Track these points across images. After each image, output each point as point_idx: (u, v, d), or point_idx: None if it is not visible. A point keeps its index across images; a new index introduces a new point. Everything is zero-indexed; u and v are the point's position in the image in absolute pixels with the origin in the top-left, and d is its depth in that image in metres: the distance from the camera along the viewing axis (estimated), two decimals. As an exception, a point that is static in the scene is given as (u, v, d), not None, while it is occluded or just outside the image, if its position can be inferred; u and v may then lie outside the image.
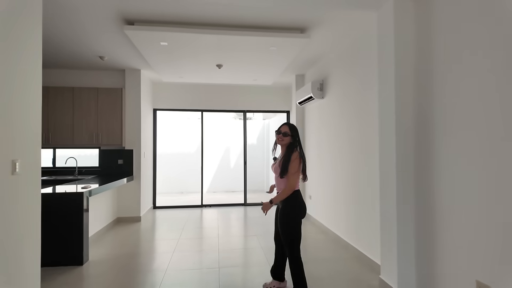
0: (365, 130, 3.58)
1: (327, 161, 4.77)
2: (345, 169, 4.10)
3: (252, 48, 4.07)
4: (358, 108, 3.77)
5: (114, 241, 4.37)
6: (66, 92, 5.27)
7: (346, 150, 4.07)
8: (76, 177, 5.30)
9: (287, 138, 2.60)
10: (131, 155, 5.57)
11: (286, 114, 7.14)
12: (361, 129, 3.67)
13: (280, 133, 2.62)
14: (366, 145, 3.56)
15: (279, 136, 2.63)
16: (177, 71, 5.33)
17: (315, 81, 4.92)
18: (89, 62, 5.08)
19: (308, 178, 2.84)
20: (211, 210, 6.58)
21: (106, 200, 5.02)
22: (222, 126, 9.73)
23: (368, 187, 3.50)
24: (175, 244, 4.20)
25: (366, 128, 3.56)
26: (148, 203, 6.23)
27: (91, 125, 5.34)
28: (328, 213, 4.74)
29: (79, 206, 3.49)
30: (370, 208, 3.45)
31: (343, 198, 4.17)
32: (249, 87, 6.88)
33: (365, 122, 3.58)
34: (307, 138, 5.80)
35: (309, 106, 5.68)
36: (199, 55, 4.39)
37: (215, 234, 4.68)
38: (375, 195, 3.33)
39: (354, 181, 3.84)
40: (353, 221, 3.88)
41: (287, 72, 5.77)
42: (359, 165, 3.71)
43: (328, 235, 4.61)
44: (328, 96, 4.75)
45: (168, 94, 6.67)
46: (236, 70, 5.22)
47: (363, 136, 3.62)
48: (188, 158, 9.26)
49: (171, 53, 4.30)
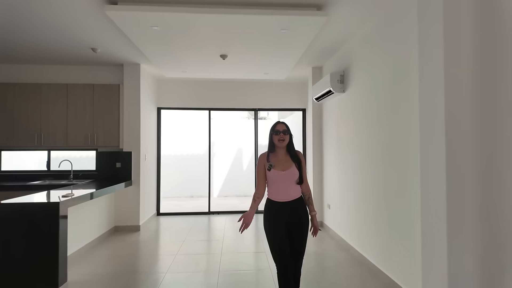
0: (398, 128, 2.86)
1: (348, 165, 4.06)
2: (371, 175, 3.38)
3: (259, 32, 3.44)
4: (387, 102, 3.05)
5: (103, 256, 3.85)
6: (60, 89, 4.84)
7: (372, 153, 3.36)
8: (70, 181, 4.86)
9: (287, 137, 2.34)
10: (130, 158, 5.07)
11: (301, 112, 6.45)
12: (392, 127, 2.95)
13: (280, 133, 2.32)
14: (398, 147, 2.85)
15: (279, 136, 2.32)
16: (178, 64, 4.77)
17: (334, 72, 4.23)
18: (83, 56, 4.61)
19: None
20: (219, 217, 5.99)
21: (100, 208, 4.53)
22: (234, 126, 9.16)
23: (401, 197, 2.77)
24: (170, 262, 3.63)
25: (399, 125, 2.84)
26: (150, 210, 5.72)
27: (86, 125, 4.88)
28: (350, 227, 4.02)
29: (53, 218, 2.97)
30: (404, 224, 2.73)
31: (368, 209, 3.45)
32: (260, 83, 6.25)
33: (398, 119, 2.86)
34: (325, 139, 5.09)
35: (327, 102, 4.98)
36: (200, 44, 3.80)
37: (218, 249, 4.07)
38: (410, 207, 2.60)
39: (383, 190, 3.12)
40: (381, 239, 3.16)
41: (302, 64, 5.09)
42: (389, 171, 2.99)
43: (350, 253, 3.90)
44: (350, 90, 4.04)
45: (173, 92, 6.15)
46: (243, 61, 4.60)
47: (395, 136, 2.90)
48: (197, 160, 8.73)
49: (168, 42, 3.74)
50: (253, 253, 3.92)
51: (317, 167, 5.31)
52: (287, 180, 2.28)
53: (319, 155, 5.33)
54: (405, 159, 2.74)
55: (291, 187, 2.30)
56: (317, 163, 5.32)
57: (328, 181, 4.94)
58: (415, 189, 2.57)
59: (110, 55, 4.59)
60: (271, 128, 2.37)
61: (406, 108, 2.73)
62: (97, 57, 4.70)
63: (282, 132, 2.32)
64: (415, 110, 2.59)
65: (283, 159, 2.34)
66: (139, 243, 4.36)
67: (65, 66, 5.11)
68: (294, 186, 2.31)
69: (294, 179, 2.30)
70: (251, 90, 6.26)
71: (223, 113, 9.22)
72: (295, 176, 2.29)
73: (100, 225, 4.54)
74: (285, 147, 2.35)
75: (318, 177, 5.31)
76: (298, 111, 6.56)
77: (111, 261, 3.67)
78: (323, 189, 5.21)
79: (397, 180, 2.87)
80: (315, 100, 4.99)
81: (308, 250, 4.01)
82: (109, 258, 3.77)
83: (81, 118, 4.86)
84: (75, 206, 3.79)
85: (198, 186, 8.31)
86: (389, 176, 3.01)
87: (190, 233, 4.89)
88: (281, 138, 2.31)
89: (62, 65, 5.09)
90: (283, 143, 2.32)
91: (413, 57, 2.61)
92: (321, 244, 4.28)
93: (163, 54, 4.23)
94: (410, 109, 2.67)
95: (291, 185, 2.30)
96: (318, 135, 5.34)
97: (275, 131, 2.33)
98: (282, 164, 2.31)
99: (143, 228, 5.15)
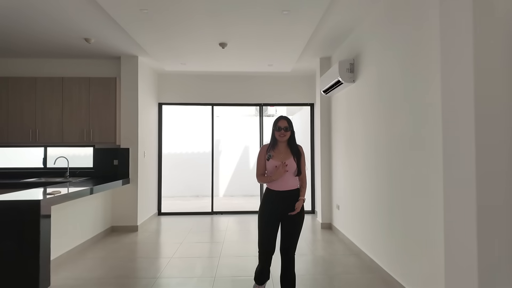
0: (415, 121, 2.49)
1: (359, 163, 3.70)
2: (384, 173, 3.02)
3: (258, 14, 3.14)
4: (403, 92, 2.69)
5: (94, 258, 3.61)
6: (55, 82, 4.64)
7: (386, 149, 3.00)
8: (66, 179, 4.67)
9: (288, 133, 2.43)
10: (128, 155, 4.84)
11: (309, 107, 6.11)
12: (409, 119, 2.59)
13: (281, 129, 2.41)
14: (415, 142, 2.48)
15: (280, 132, 2.42)
16: (176, 55, 4.51)
17: (344, 60, 3.88)
18: (78, 48, 4.41)
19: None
20: (222, 218, 5.71)
21: (95, 206, 4.31)
22: (240, 124, 8.88)
23: (418, 197, 2.41)
24: (164, 266, 3.36)
25: (416, 117, 2.48)
26: (150, 209, 5.48)
27: (82, 120, 4.67)
28: (361, 230, 3.66)
29: (34, 218, 2.74)
30: (422, 227, 2.36)
31: (381, 210, 3.09)
32: (264, 77, 5.94)
33: (416, 110, 2.50)
34: (334, 134, 4.74)
35: (336, 95, 4.63)
36: (196, 29, 3.53)
37: (217, 252, 3.78)
38: (429, 209, 2.24)
39: (398, 189, 2.76)
40: (396, 244, 2.80)
41: (308, 55, 4.76)
42: (406, 168, 2.63)
43: (361, 258, 3.54)
44: (360, 79, 3.69)
45: (174, 87, 5.90)
46: (245, 50, 4.30)
47: (412, 129, 2.54)
48: (203, 159, 8.48)
49: (161, 29, 3.49)
50: (254, 257, 3.60)
51: (326, 165, 4.96)
52: (288, 170, 2.35)
53: (328, 152, 4.97)
54: (424, 155, 2.37)
55: (288, 178, 2.38)
56: (326, 161, 4.96)
57: (337, 180, 4.59)
58: (436, 188, 2.21)
59: (106, 46, 4.37)
60: (273, 123, 2.45)
61: (425, 97, 2.37)
62: (93, 49, 4.49)
63: (284, 129, 2.40)
64: (436, 100, 2.23)
65: (283, 151, 2.44)
66: (135, 245, 4.11)
67: (60, 60, 4.92)
68: (291, 177, 2.40)
69: (291, 171, 2.37)
70: (256, 84, 5.96)
71: (229, 110, 8.98)
72: (292, 168, 2.37)
73: (95, 225, 4.32)
74: (286, 141, 2.44)
75: (326, 176, 4.95)
76: (307, 107, 6.22)
77: (102, 264, 3.43)
78: (332, 189, 4.85)
79: (414, 178, 2.51)
80: (323, 92, 4.64)
81: (315, 255, 3.68)
82: (100, 260, 3.53)
83: (77, 113, 4.65)
84: (66, 205, 3.57)
85: (204, 185, 8.05)
86: (405, 174, 2.65)
87: (189, 234, 4.62)
88: (282, 134, 2.40)
89: (57, 59, 4.91)
90: (284, 138, 2.42)
91: (433, 38, 2.25)
92: (329, 248, 3.94)
93: (158, 43, 3.97)
94: (430, 99, 2.31)
95: (288, 176, 2.38)
96: (326, 130, 4.99)
97: (277, 127, 2.42)
98: (281, 156, 2.41)
99: (141, 228, 4.91)
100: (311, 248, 3.94)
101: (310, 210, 5.99)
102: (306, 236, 4.46)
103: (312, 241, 4.24)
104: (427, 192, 2.32)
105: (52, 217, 3.35)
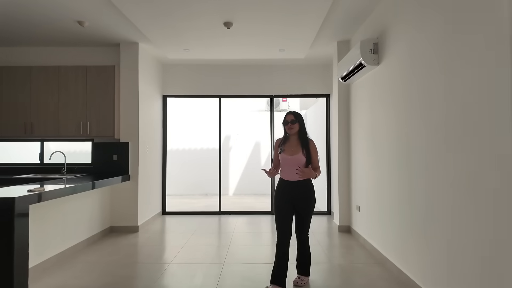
0: (461, 106, 1.98)
1: (384, 158, 3.19)
2: (418, 170, 2.51)
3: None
4: (447, 70, 2.17)
5: (85, 262, 3.25)
6: (51, 71, 4.33)
7: (420, 140, 2.48)
8: (63, 175, 4.35)
9: (296, 125, 2.58)
10: (127, 149, 4.48)
11: (325, 99, 5.60)
12: (451, 106, 2.08)
13: (288, 123, 2.59)
14: (458, 130, 1.97)
15: (288, 126, 2.59)
16: (179, 40, 4.11)
17: (366, 40, 3.37)
18: (73, 34, 4.07)
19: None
20: (230, 218, 5.29)
21: (92, 205, 3.97)
22: (251, 118, 8.44)
23: (466, 197, 1.90)
24: (160, 273, 2.95)
25: (460, 102, 1.97)
26: (153, 209, 5.12)
27: (78, 112, 4.34)
28: (386, 234, 3.15)
29: (6, 218, 2.38)
30: (469, 233, 1.85)
31: (413, 214, 2.58)
32: (275, 66, 5.47)
33: (459, 93, 1.98)
34: (354, 127, 4.22)
35: (356, 82, 4.11)
36: (197, 8, 3.11)
37: (221, 258, 3.35)
38: (479, 214, 1.73)
39: (437, 189, 2.25)
40: (433, 253, 2.29)
41: (324, 38, 4.26)
42: (450, 164, 2.12)
43: (386, 269, 3.04)
44: (386, 61, 3.17)
45: (179, 78, 5.52)
46: (252, 32, 3.85)
47: (456, 117, 2.03)
48: (212, 155, 8.10)
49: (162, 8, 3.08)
50: (263, 265, 3.16)
51: (344, 161, 4.45)
52: (293, 163, 2.53)
53: (346, 147, 4.46)
54: (470, 149, 1.86)
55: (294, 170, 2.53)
56: (344, 157, 4.45)
57: (357, 178, 4.08)
58: (489, 189, 1.70)
59: (103, 32, 4.02)
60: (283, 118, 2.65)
61: (473, 76, 1.85)
62: (91, 36, 4.15)
63: (290, 122, 2.58)
64: (490, 79, 1.71)
65: (294, 144, 2.59)
66: (132, 247, 3.74)
67: (56, 48, 4.61)
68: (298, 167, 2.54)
69: (300, 164, 2.52)
70: (266, 74, 5.50)
71: (239, 104, 8.55)
72: (301, 161, 2.52)
73: (91, 225, 3.98)
74: (296, 134, 2.61)
75: (344, 173, 4.44)
76: (322, 98, 5.71)
77: (92, 269, 3.06)
78: (351, 187, 4.34)
79: (463, 176, 1.99)
80: (341, 80, 4.13)
81: (332, 263, 3.20)
82: (91, 265, 3.17)
83: (73, 105, 4.33)
84: (57, 203, 3.23)
85: (213, 184, 7.65)
86: (449, 171, 2.14)
87: (193, 236, 4.22)
88: (289, 127, 2.58)
89: (53, 47, 4.59)
90: (293, 131, 2.58)
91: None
92: (349, 255, 3.44)
93: (158, 25, 3.58)
94: (480, 79, 1.79)
95: (294, 168, 2.52)
96: (344, 123, 4.47)
97: (284, 121, 2.63)
98: (291, 150, 2.57)
99: (142, 229, 4.55)
100: (328, 255, 3.46)
101: (326, 211, 5.49)
102: (322, 241, 3.97)
103: (329, 247, 3.75)
104: (480, 193, 1.81)
105: (40, 217, 3.02)
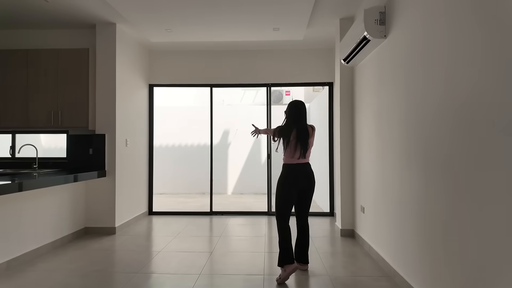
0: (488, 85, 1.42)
1: (395, 151, 2.63)
2: (439, 168, 1.95)
3: None
4: (464, 44, 1.61)
5: (41, 271, 2.78)
6: (19, 56, 3.89)
7: (441, 131, 1.92)
8: (34, 170, 3.91)
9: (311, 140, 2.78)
10: (103, 142, 4.02)
11: (328, 87, 5.04)
12: (476, 85, 1.51)
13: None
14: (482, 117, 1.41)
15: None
16: (156, 16, 3.60)
17: (371, 9, 2.81)
18: (42, 13, 3.62)
19: None
20: (222, 219, 4.78)
21: (61, 203, 3.52)
22: (251, 111, 7.91)
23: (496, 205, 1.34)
24: (123, 285, 2.47)
25: (487, 80, 1.41)
26: (136, 208, 4.65)
27: (49, 100, 3.90)
28: (396, 242, 2.59)
29: None
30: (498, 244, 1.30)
31: (430, 220, 2.02)
32: (272, 51, 4.94)
33: (487, 70, 1.42)
34: (358, 115, 3.66)
35: (361, 63, 3.55)
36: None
37: (198, 268, 2.84)
38: None
39: (463, 192, 1.69)
40: (453, 266, 1.73)
41: (324, 13, 3.71)
42: (477, 160, 1.56)
43: (395, 284, 2.48)
44: (395, 33, 2.61)
45: (166, 65, 5.05)
46: (240, 8, 3.33)
47: (481, 98, 1.47)
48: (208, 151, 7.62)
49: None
50: (244, 276, 2.64)
51: (346, 156, 3.89)
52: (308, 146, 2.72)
53: (350, 140, 3.90)
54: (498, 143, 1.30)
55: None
56: (346, 151, 3.90)
57: (362, 175, 3.52)
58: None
59: (74, 9, 3.55)
60: None
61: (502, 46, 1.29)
62: (62, 15, 3.70)
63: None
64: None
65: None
66: (101, 253, 3.27)
67: (28, 31, 4.17)
68: None
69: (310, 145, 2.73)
70: (262, 60, 4.97)
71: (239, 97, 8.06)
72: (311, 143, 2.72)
73: (60, 226, 3.52)
74: None
75: (347, 170, 3.89)
76: (324, 86, 5.16)
77: (44, 279, 2.59)
78: (355, 186, 3.79)
79: (495, 176, 1.43)
80: (344, 62, 3.58)
81: (332, 276, 2.65)
82: (44, 274, 2.70)
83: (43, 92, 3.89)
84: (14, 200, 2.79)
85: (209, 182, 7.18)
86: (479, 170, 1.58)
87: (174, 240, 3.72)
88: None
89: (23, 29, 4.16)
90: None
91: None
92: (351, 266, 2.89)
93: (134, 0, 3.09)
94: None
95: None
96: (347, 111, 3.92)
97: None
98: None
99: (120, 231, 4.07)
100: (327, 265, 2.92)
101: (329, 212, 4.93)
102: (321, 247, 3.43)
103: (329, 255, 3.21)
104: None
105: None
